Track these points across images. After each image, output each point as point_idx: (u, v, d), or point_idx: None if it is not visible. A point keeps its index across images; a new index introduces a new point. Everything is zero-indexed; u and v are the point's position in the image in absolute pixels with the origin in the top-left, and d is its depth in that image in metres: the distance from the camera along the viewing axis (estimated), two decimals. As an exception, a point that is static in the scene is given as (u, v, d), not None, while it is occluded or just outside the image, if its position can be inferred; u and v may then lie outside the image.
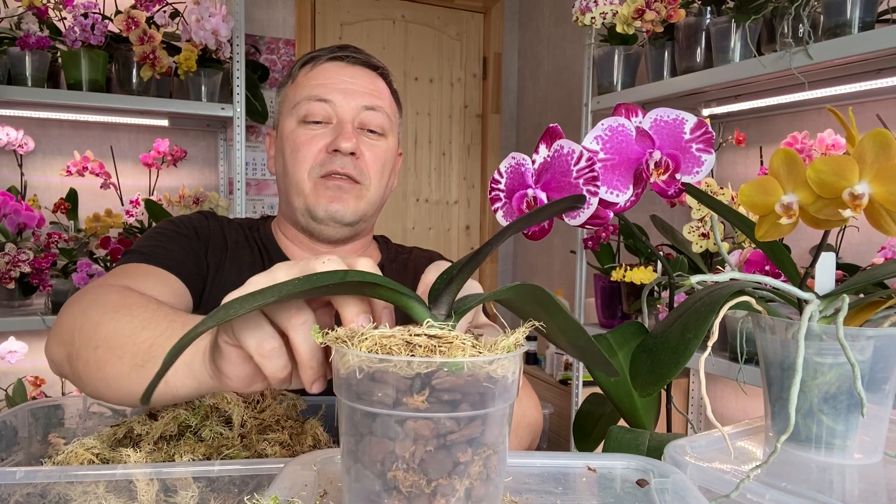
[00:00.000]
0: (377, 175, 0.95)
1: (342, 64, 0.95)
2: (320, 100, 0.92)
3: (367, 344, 0.35)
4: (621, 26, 1.80)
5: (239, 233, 1.00)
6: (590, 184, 0.56)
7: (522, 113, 3.33)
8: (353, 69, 0.95)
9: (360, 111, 0.93)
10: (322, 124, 0.93)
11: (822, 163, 0.45)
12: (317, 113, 0.92)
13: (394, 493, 0.35)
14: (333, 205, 0.92)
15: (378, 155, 0.95)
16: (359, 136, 0.94)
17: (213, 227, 0.98)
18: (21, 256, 1.81)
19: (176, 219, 0.98)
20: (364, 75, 0.96)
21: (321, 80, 0.94)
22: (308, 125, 0.93)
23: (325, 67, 0.95)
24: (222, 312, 0.37)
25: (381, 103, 0.95)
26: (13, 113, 2.22)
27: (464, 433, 0.35)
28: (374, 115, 0.94)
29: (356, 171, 0.92)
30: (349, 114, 0.93)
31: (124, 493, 0.47)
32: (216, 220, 1.01)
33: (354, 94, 0.93)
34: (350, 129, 0.92)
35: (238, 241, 0.99)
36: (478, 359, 0.35)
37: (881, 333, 0.51)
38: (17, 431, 0.67)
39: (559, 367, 2.67)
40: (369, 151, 0.94)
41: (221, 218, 1.02)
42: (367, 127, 0.94)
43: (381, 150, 0.95)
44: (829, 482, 0.50)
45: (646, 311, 0.75)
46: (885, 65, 1.46)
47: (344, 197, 0.93)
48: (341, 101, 0.93)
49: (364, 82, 0.95)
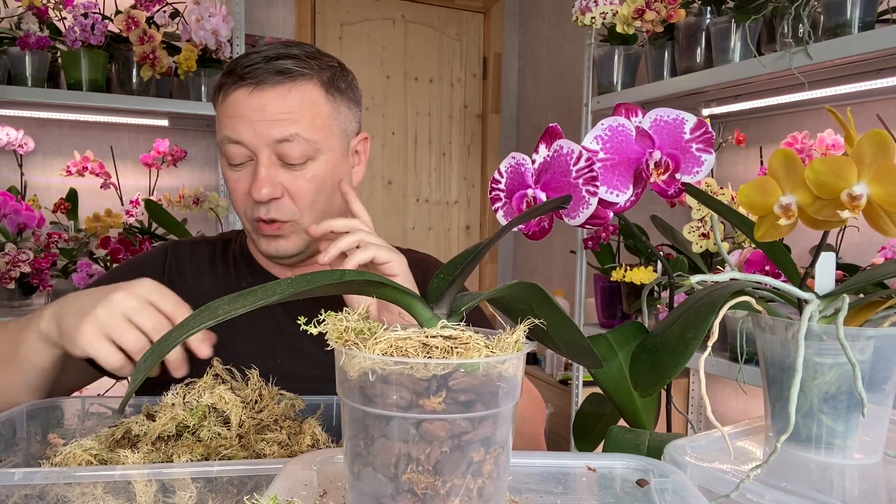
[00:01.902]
0: (307, 206, 0.90)
1: (248, 90, 0.86)
2: (233, 141, 0.88)
3: (382, 346, 0.35)
4: (621, 26, 1.80)
5: (204, 258, 1.01)
6: (589, 184, 0.56)
7: (522, 113, 3.33)
8: (260, 94, 0.86)
9: (273, 145, 0.86)
10: (244, 165, 0.90)
11: (821, 163, 0.45)
12: (235, 155, 0.89)
13: (408, 495, 0.35)
14: (271, 246, 0.92)
15: (303, 186, 0.89)
16: (279, 170, 0.88)
17: (170, 263, 1.00)
18: (21, 256, 1.81)
19: (124, 269, 1.00)
20: (274, 97, 0.86)
21: (231, 112, 0.88)
22: (233, 167, 0.91)
23: (233, 98, 0.88)
24: (207, 313, 0.37)
25: (295, 129, 0.86)
26: (13, 113, 2.22)
27: (477, 433, 0.36)
28: (289, 147, 0.86)
29: (280, 212, 0.89)
30: (263, 151, 0.87)
31: (122, 494, 0.47)
32: (176, 253, 1.01)
33: (263, 126, 0.86)
34: (263, 174, 0.86)
35: (201, 267, 1.00)
36: (492, 359, 0.35)
37: (881, 333, 0.51)
38: (16, 432, 0.67)
39: (559, 367, 2.67)
40: (293, 185, 0.89)
41: (184, 249, 1.02)
42: (286, 160, 0.87)
43: (305, 181, 0.89)
44: (829, 482, 0.50)
45: (646, 311, 0.75)
46: (885, 65, 1.46)
47: (277, 239, 0.92)
48: (251, 140, 0.86)
49: (274, 107, 0.86)
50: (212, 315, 0.37)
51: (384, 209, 3.17)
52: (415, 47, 3.19)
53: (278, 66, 0.87)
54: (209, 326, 0.36)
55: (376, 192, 3.15)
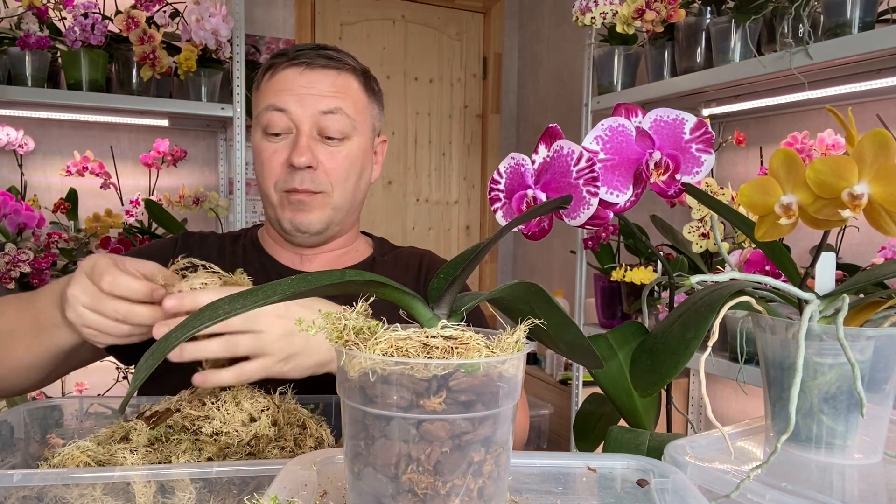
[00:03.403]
0: (340, 181, 0.96)
1: (299, 69, 0.94)
2: (277, 109, 0.93)
3: (382, 346, 0.35)
4: (621, 26, 1.80)
5: (213, 249, 1.03)
6: (589, 184, 0.56)
7: (522, 113, 3.33)
8: (310, 73, 0.94)
9: (318, 117, 0.93)
10: (282, 136, 0.94)
11: (821, 163, 0.44)
12: (276, 124, 0.93)
13: (408, 495, 0.35)
14: (297, 217, 0.95)
15: (339, 161, 0.95)
16: (317, 144, 0.94)
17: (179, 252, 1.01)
18: (21, 256, 1.81)
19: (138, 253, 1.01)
20: (323, 77, 0.94)
21: (278, 87, 0.94)
22: (270, 137, 0.95)
23: (283, 74, 0.94)
24: (208, 313, 0.37)
25: (340, 104, 0.94)
26: (13, 113, 2.22)
27: (478, 433, 0.36)
28: (332, 120, 0.93)
29: (314, 184, 0.94)
30: (306, 122, 0.93)
31: (121, 495, 0.46)
32: (186, 242, 1.03)
33: (311, 99, 0.93)
34: (304, 143, 0.92)
35: (210, 257, 1.01)
36: (492, 359, 0.35)
37: (881, 333, 0.51)
38: (14, 432, 0.67)
39: (559, 367, 2.67)
40: (329, 159, 0.94)
41: (194, 238, 1.05)
42: (326, 133, 0.94)
43: (341, 157, 0.95)
44: (829, 482, 0.50)
45: (646, 311, 0.75)
46: (885, 65, 1.46)
47: (306, 209, 0.95)
48: (297, 109, 0.93)
49: (323, 85, 0.94)
50: (213, 315, 0.36)
51: (384, 209, 3.17)
52: (415, 47, 3.19)
53: (328, 54, 0.97)
54: (209, 326, 0.36)
55: (376, 192, 3.15)
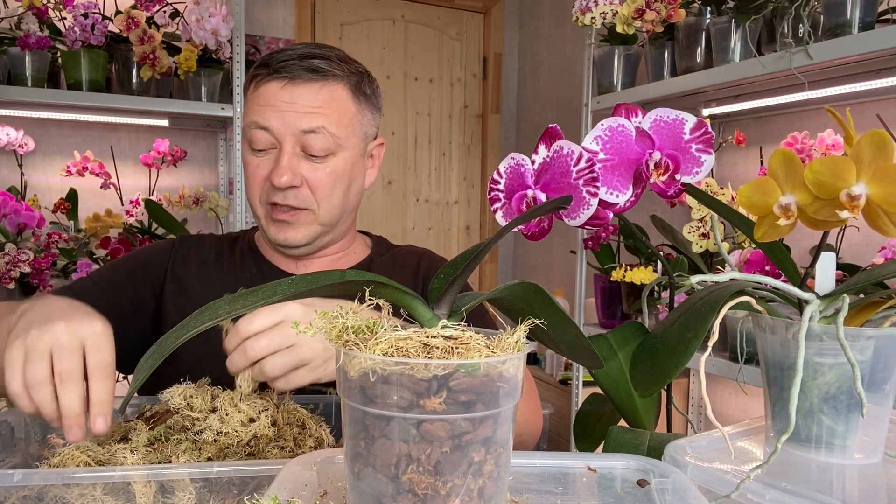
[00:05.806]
0: (325, 197, 0.93)
1: (281, 83, 0.90)
2: (259, 127, 0.91)
3: (383, 346, 0.35)
4: (621, 26, 1.80)
5: (211, 251, 1.03)
6: (590, 185, 0.56)
7: (522, 113, 3.33)
8: (292, 88, 0.90)
9: (300, 136, 0.90)
10: (266, 151, 0.93)
11: (820, 164, 0.44)
12: (259, 140, 0.92)
13: (408, 495, 0.35)
14: (281, 234, 0.94)
15: (323, 178, 0.92)
16: (300, 161, 0.91)
17: (176, 254, 1.02)
18: (21, 256, 1.81)
19: (130, 257, 1.02)
20: (306, 92, 0.90)
21: (261, 101, 0.91)
22: (255, 152, 0.93)
23: (265, 88, 0.91)
24: (209, 313, 0.37)
25: (322, 122, 0.90)
26: (13, 113, 2.22)
27: (478, 433, 0.36)
28: (315, 139, 0.90)
29: (297, 200, 0.92)
30: (288, 141, 0.90)
31: (121, 495, 0.46)
32: (183, 245, 1.04)
33: (292, 117, 0.90)
34: (286, 162, 0.90)
35: (207, 259, 1.02)
36: (492, 359, 0.35)
37: (881, 333, 0.51)
38: (14, 432, 0.67)
39: (559, 367, 2.67)
40: (313, 176, 0.92)
41: (191, 242, 1.05)
42: (309, 151, 0.91)
43: (325, 173, 0.93)
44: (829, 482, 0.50)
45: (646, 311, 0.75)
46: (885, 65, 1.46)
47: (291, 227, 0.94)
48: (278, 127, 0.90)
49: (305, 101, 0.90)
50: (213, 315, 0.36)
51: (384, 209, 3.17)
52: (415, 47, 3.19)
53: (312, 64, 0.91)
54: (210, 326, 0.36)
55: (376, 192, 3.15)
